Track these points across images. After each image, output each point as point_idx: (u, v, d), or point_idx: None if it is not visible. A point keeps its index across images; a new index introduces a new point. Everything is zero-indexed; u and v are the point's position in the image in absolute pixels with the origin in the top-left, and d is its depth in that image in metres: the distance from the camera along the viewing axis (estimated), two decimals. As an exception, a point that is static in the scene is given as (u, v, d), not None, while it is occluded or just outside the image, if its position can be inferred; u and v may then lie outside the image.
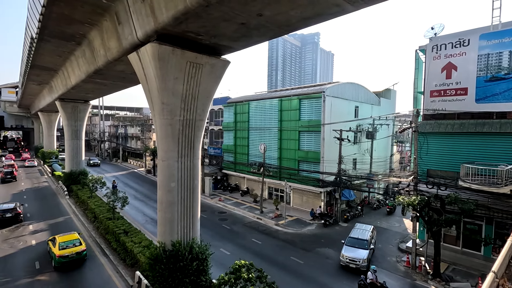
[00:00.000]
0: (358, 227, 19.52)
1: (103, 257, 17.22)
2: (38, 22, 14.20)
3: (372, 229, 19.28)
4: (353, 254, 16.68)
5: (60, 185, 34.41)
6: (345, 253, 16.92)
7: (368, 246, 17.31)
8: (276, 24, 9.88)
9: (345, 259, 16.72)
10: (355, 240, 17.70)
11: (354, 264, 16.36)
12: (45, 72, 27.21)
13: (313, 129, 26.55)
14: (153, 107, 12.71)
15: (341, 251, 17.24)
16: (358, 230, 18.96)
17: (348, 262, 16.55)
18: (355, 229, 19.15)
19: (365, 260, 16.28)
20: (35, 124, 72.50)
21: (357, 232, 18.57)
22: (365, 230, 18.88)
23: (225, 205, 29.76)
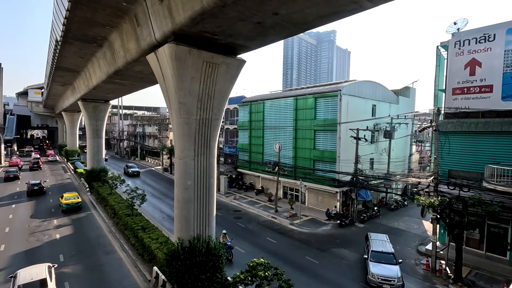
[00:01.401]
0: (374, 237, 17.82)
1: (122, 252, 17.80)
2: (62, 26, 14.82)
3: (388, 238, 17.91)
4: (385, 272, 14.67)
5: (82, 182, 35.80)
6: (374, 271, 14.83)
7: (396, 260, 15.61)
8: (292, 23, 9.84)
9: (376, 278, 14.60)
10: (380, 255, 15.78)
11: (388, 284, 14.36)
12: (69, 74, 28.35)
13: (329, 128, 26.22)
14: (170, 106, 12.98)
15: (368, 268, 15.23)
16: (377, 241, 17.15)
17: (381, 282, 14.47)
18: (373, 240, 17.28)
19: (400, 279, 14.43)
20: (59, 124, 75.69)
21: (378, 245, 16.69)
22: (384, 240, 17.31)
23: (240, 203, 29.95)
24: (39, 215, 24.52)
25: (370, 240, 17.49)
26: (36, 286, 11.90)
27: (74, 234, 20.69)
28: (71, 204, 25.61)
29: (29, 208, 26.48)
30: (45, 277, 12.39)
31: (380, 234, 18.57)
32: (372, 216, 25.95)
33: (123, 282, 14.50)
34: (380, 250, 16.19)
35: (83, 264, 16.24)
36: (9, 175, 37.76)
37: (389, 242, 17.28)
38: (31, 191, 30.66)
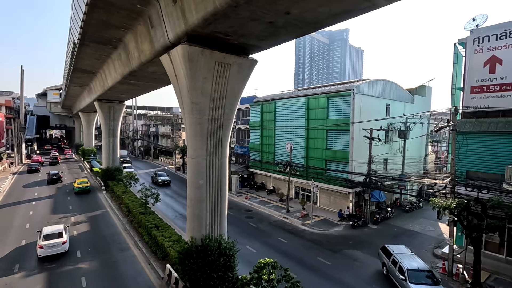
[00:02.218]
0: (397, 251, 15.72)
1: (136, 249, 18.17)
2: (80, 28, 15.27)
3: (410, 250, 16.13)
4: None
5: (98, 181, 36.77)
6: None
7: (437, 278, 13.86)
8: (304, 22, 9.78)
9: None
10: (419, 274, 13.76)
11: None
12: (85, 75, 29.17)
13: (342, 128, 25.90)
14: (183, 106, 13.15)
15: None
16: (405, 256, 15.12)
17: None
18: (399, 255, 15.15)
19: None
20: (76, 123, 77.99)
21: (409, 260, 14.65)
22: (411, 254, 15.50)
23: (251, 203, 30.02)
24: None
25: (395, 255, 15.26)
26: (55, 236, 17.13)
27: (91, 231, 21.27)
28: (81, 187, 31.62)
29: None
30: (62, 231, 17.67)
31: (399, 246, 16.53)
32: (386, 218, 25.46)
33: (137, 279, 14.81)
34: (416, 267, 14.07)
35: (99, 260, 16.68)
36: (31, 168, 43.79)
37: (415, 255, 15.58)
38: (51, 179, 36.47)
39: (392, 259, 15.34)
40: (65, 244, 17.18)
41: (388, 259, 15.74)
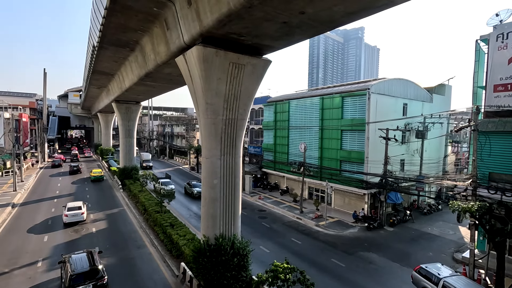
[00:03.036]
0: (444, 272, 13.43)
1: (152, 247, 18.56)
2: (99, 32, 15.76)
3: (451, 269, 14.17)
4: None
5: (115, 179, 37.80)
6: None
7: None
8: (318, 21, 9.70)
9: None
10: None
11: None
12: (104, 77, 30.07)
13: (357, 128, 25.47)
14: (198, 107, 13.32)
15: None
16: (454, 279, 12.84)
17: None
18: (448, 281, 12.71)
19: None
20: (95, 124, 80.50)
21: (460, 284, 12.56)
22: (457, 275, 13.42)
23: (264, 203, 30.01)
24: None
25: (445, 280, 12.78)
26: (76, 208, 22.60)
27: (109, 228, 21.91)
28: (96, 176, 39.01)
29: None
30: (81, 205, 23.22)
31: (437, 264, 14.50)
32: (402, 220, 24.79)
33: (153, 276, 15.12)
34: None
35: (117, 257, 17.15)
36: (55, 163, 50.97)
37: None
38: (72, 170, 44.41)
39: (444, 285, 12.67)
40: (83, 214, 22.72)
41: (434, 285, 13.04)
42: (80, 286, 11.99)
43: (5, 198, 28.48)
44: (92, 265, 12.89)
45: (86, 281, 12.19)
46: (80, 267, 12.65)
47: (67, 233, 20.77)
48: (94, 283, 12.28)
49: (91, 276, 12.42)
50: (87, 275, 12.38)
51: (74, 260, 13.09)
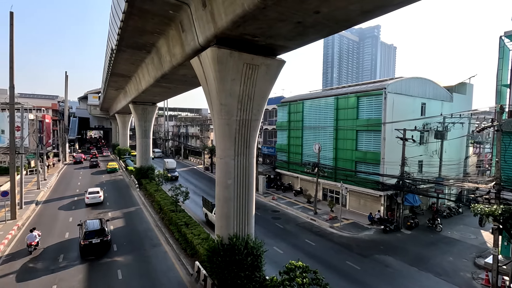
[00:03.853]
0: None
1: (167, 246, 18.90)
2: (117, 35, 16.23)
3: None
4: None
5: (132, 179, 38.74)
6: None
7: None
8: (333, 21, 9.59)
9: None
10: None
11: None
12: (121, 79, 30.92)
13: (373, 128, 24.97)
14: (212, 108, 13.46)
15: None
16: None
17: None
18: None
19: None
20: (112, 125, 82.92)
21: None
22: None
23: (278, 204, 29.92)
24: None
25: None
26: (95, 192, 28.24)
27: (126, 226, 22.48)
28: (111, 168, 46.70)
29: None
30: (99, 190, 28.99)
31: None
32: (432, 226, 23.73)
33: (168, 274, 15.39)
34: None
35: (133, 254, 17.57)
36: (76, 160, 57.91)
37: None
38: (92, 164, 51.95)
39: None
40: (101, 197, 28.27)
41: None
42: (91, 239, 16.93)
43: (30, 195, 29.77)
44: (101, 227, 17.82)
45: (95, 237, 17.14)
46: (92, 227, 17.70)
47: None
48: (101, 238, 17.20)
49: (99, 234, 17.33)
50: (97, 233, 17.34)
51: (88, 223, 18.26)
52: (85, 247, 16.82)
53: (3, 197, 22.73)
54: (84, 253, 16.96)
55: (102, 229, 17.61)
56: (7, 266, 15.90)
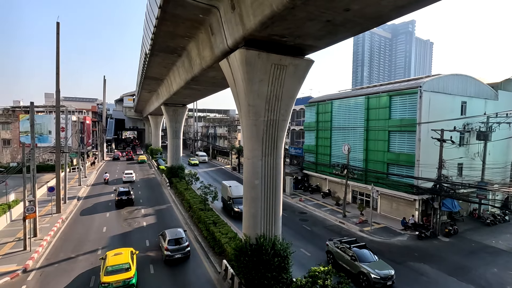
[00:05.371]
0: None
1: (196, 243, 19.42)
2: (150, 40, 17.03)
3: None
4: None
5: (163, 177, 40.35)
6: None
7: None
8: (365, 18, 9.29)
9: None
10: None
11: None
12: (154, 82, 32.36)
13: (406, 129, 23.77)
14: (240, 108, 13.63)
15: None
16: None
17: None
18: None
19: None
20: (145, 126, 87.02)
21: None
22: None
23: (305, 205, 29.52)
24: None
25: None
26: (130, 173, 39.63)
27: (157, 223, 23.46)
28: (141, 160, 59.42)
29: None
30: (132, 173, 40.04)
31: None
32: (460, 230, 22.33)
33: (196, 271, 15.81)
34: None
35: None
36: (114, 157, 66.90)
37: None
38: (128, 158, 64.46)
39: None
40: (133, 177, 39.50)
41: None
42: (121, 196, 27.87)
43: (72, 191, 32.15)
44: (128, 190, 28.94)
45: (124, 195, 28.06)
46: (122, 190, 28.71)
47: (123, 221, 22.83)
48: (128, 196, 28.11)
49: (127, 194, 28.35)
50: (125, 193, 28.35)
51: (119, 188, 29.40)
52: (118, 201, 27.89)
53: (50, 192, 24.76)
54: (118, 205, 27.93)
55: (128, 192, 28.65)
56: (53, 255, 17.32)
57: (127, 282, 13.35)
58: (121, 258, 14.26)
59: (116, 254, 14.64)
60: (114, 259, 14.23)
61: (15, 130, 46.59)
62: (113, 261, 14.00)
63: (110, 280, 13.14)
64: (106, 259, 14.34)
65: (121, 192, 28.16)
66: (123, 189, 28.62)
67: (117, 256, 14.45)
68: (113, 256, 14.45)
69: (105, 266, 13.76)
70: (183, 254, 16.63)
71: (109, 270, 13.55)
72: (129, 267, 13.88)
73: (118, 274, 13.41)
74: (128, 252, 14.88)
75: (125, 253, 14.79)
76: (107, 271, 13.50)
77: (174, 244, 16.64)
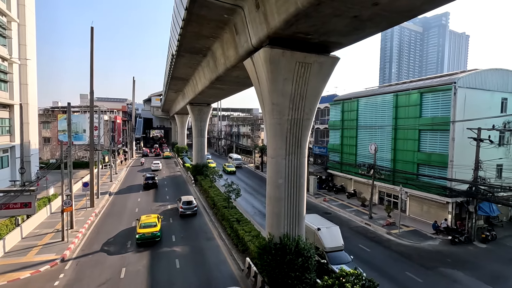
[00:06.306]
0: None
1: (220, 240, 19.76)
2: (177, 41, 17.52)
3: None
4: None
5: (189, 175, 41.42)
6: None
7: None
8: (394, 11, 8.91)
9: None
10: None
11: None
12: (180, 82, 33.26)
13: (439, 128, 22.55)
14: (264, 107, 13.64)
15: None
16: None
17: None
18: None
19: None
20: (172, 125, 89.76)
21: None
22: None
23: (329, 206, 28.98)
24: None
25: None
26: (157, 164, 48.48)
27: (183, 219, 24.13)
28: (166, 155, 65.81)
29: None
30: (159, 162, 49.25)
31: None
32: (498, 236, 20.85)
33: (220, 267, 16.09)
34: None
35: (189, 246, 18.80)
36: (143, 153, 71.28)
37: None
38: (155, 154, 71.14)
39: None
40: (160, 166, 47.89)
41: None
42: (148, 180, 34.53)
43: (104, 187, 33.94)
44: (153, 176, 35.70)
45: (150, 180, 34.68)
46: (149, 175, 35.58)
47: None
48: (153, 181, 34.86)
49: (152, 179, 35.03)
50: (151, 178, 35.06)
51: (146, 174, 36.50)
52: (145, 184, 34.51)
53: (84, 187, 26.32)
54: (145, 187, 34.40)
55: (153, 177, 35.46)
56: (87, 247, 18.43)
57: (154, 234, 18.87)
58: (150, 219, 20.10)
59: (147, 216, 20.76)
60: (146, 218, 20.20)
61: (54, 129, 49.97)
62: (145, 220, 19.95)
63: (143, 231, 18.72)
64: (140, 219, 20.20)
65: (148, 177, 35.28)
66: (149, 175, 35.81)
67: (147, 217, 20.48)
68: (145, 217, 20.57)
69: (140, 223, 19.58)
70: (192, 212, 24.49)
71: (142, 225, 19.19)
72: (156, 224, 19.47)
73: (148, 228, 18.95)
74: (155, 216, 20.78)
75: (154, 216, 20.71)
76: (141, 226, 19.16)
77: (186, 204, 24.57)
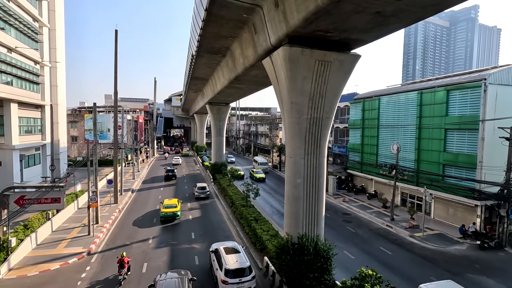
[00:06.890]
0: None
1: (238, 238, 19.90)
2: (197, 42, 17.81)
3: None
4: None
5: (208, 173, 42.04)
6: None
7: None
8: (419, 6, 8.58)
9: None
10: None
11: None
12: (199, 82, 33.80)
13: (467, 127, 21.47)
14: (282, 106, 13.58)
15: None
16: None
17: None
18: None
19: None
20: (191, 124, 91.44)
21: None
22: None
23: (349, 206, 28.40)
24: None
25: None
26: (178, 158, 55.61)
27: (202, 217, 24.55)
28: (185, 153, 70.11)
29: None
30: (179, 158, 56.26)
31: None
32: None
33: (239, 265, 16.18)
34: None
35: (208, 243, 19.01)
36: (165, 151, 73.20)
37: None
38: (176, 152, 73.20)
39: None
40: (180, 160, 54.22)
41: None
42: (168, 173, 39.62)
43: (127, 184, 35.17)
44: (173, 169, 41.16)
45: (170, 172, 39.78)
46: (170, 168, 41.16)
47: (170, 217, 24.55)
48: (173, 173, 39.82)
49: (172, 172, 40.07)
50: (171, 171, 40.09)
51: (168, 168, 41.60)
52: (166, 176, 39.27)
53: (109, 184, 27.39)
54: (166, 178, 39.11)
55: (173, 170, 40.32)
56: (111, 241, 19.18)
57: (175, 213, 23.12)
58: (172, 201, 24.33)
59: (169, 199, 25.05)
60: (168, 201, 24.41)
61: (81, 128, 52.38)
62: (167, 202, 24.18)
63: (166, 211, 22.98)
64: (163, 202, 24.44)
65: (168, 170, 40.43)
66: (170, 168, 41.19)
67: (169, 200, 24.91)
68: (167, 200, 24.88)
69: (163, 204, 23.82)
70: (205, 195, 30.16)
71: (165, 206, 23.45)
72: (176, 205, 23.67)
73: (170, 209, 23.16)
74: (176, 199, 25.20)
75: (174, 199, 25.14)
76: (164, 206, 23.45)
77: (200, 189, 30.35)
